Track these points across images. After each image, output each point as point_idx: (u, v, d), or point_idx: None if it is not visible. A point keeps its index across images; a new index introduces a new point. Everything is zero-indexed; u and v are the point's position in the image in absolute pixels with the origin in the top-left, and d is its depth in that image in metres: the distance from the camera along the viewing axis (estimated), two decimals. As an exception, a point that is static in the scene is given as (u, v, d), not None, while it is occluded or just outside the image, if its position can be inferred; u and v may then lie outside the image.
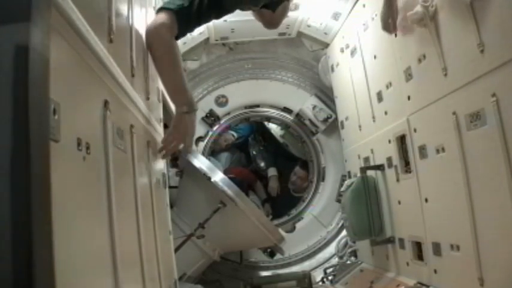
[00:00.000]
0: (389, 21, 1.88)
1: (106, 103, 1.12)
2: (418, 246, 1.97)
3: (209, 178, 2.47)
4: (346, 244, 3.13)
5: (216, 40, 3.21)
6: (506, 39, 1.22)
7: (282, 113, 3.42)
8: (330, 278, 2.96)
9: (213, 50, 3.36)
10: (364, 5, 2.41)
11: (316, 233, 3.33)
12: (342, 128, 3.09)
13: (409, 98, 1.90)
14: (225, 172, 3.54)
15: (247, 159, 4.34)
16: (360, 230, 2.37)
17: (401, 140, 2.05)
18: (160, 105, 2.04)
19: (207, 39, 3.18)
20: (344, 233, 3.08)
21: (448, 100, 1.57)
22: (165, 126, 2.32)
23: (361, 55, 2.49)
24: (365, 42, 2.43)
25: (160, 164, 1.94)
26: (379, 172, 2.36)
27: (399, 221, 2.18)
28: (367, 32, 2.37)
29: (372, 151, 2.47)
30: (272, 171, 4.12)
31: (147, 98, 1.66)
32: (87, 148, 0.91)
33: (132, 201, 1.31)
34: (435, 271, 1.79)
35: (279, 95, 3.38)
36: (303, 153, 3.79)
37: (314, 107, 3.34)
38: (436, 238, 1.76)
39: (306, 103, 3.35)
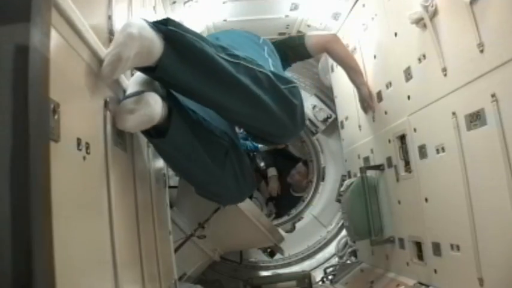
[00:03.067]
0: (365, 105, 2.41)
1: (106, 103, 1.12)
2: (418, 246, 1.97)
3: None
4: (346, 244, 3.13)
5: (216, 40, 3.21)
6: (506, 39, 1.22)
7: (282, 113, 3.42)
8: (330, 278, 2.96)
9: (213, 49, 3.36)
10: (364, 5, 2.41)
11: (316, 233, 3.32)
12: (342, 128, 3.09)
13: (409, 97, 1.90)
14: None
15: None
16: (359, 230, 2.37)
17: (401, 139, 2.05)
18: (160, 105, 2.04)
19: (207, 39, 3.18)
20: (344, 233, 3.08)
21: (448, 100, 1.57)
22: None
23: (361, 55, 2.49)
24: (365, 42, 2.43)
25: (160, 164, 1.94)
26: (378, 172, 2.36)
27: (399, 221, 2.18)
28: (367, 32, 2.36)
29: (371, 151, 2.47)
30: (272, 171, 4.12)
31: (147, 98, 1.65)
32: (87, 148, 0.91)
33: (132, 201, 1.31)
34: (435, 271, 1.79)
35: (279, 95, 3.38)
36: (302, 153, 3.79)
37: (314, 107, 3.33)
38: (436, 238, 1.76)
39: (305, 103, 3.33)
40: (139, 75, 1.42)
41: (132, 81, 1.41)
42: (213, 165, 1.61)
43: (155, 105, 1.34)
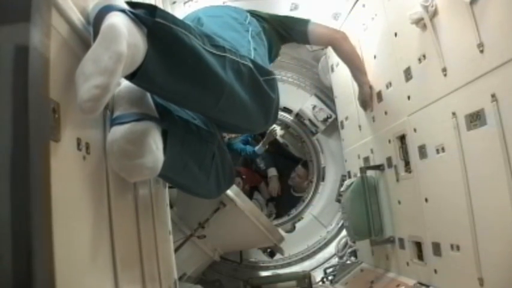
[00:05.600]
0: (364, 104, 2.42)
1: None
2: (418, 246, 1.97)
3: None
4: (346, 244, 3.13)
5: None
6: (506, 39, 1.22)
7: (281, 113, 3.41)
8: (330, 278, 2.96)
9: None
10: (364, 5, 2.41)
11: (316, 233, 3.33)
12: (342, 128, 3.09)
13: (409, 98, 1.90)
14: None
15: (246, 160, 4.35)
16: (360, 230, 2.37)
17: (401, 140, 2.05)
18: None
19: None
20: (344, 233, 3.08)
21: (448, 100, 1.57)
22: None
23: (361, 55, 2.49)
24: (365, 42, 2.43)
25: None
26: (378, 172, 2.36)
27: (399, 221, 2.18)
28: (367, 32, 2.36)
29: (371, 151, 2.47)
30: (272, 172, 4.12)
31: (147, 98, 1.65)
32: (87, 148, 0.91)
33: (132, 201, 1.31)
34: (435, 271, 1.79)
35: (279, 95, 3.38)
36: (302, 153, 3.79)
37: (314, 107, 3.34)
38: (436, 238, 1.76)
39: (305, 103, 3.35)
40: (128, 87, 1.22)
41: (121, 95, 1.21)
42: (200, 174, 1.52)
43: (157, 152, 1.16)
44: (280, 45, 2.27)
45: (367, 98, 2.38)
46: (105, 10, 0.97)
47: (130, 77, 1.10)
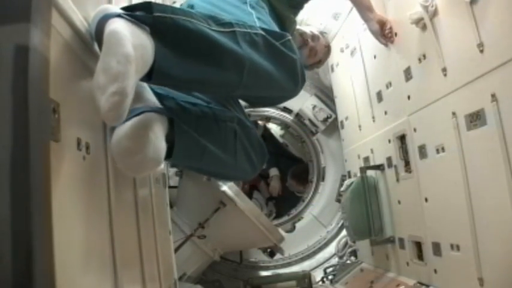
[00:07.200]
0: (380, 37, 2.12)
1: (106, 103, 1.11)
2: (418, 246, 1.97)
3: (209, 178, 2.47)
4: (346, 244, 3.13)
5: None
6: (506, 39, 1.22)
7: (281, 113, 3.42)
8: (330, 278, 2.96)
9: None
10: (364, 5, 2.41)
11: (316, 233, 3.33)
12: (342, 128, 3.10)
13: (409, 97, 1.90)
14: None
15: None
16: (359, 230, 2.37)
17: (401, 139, 2.05)
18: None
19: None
20: (344, 233, 3.08)
21: (447, 100, 1.57)
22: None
23: (361, 55, 2.49)
24: (365, 42, 2.43)
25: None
26: (379, 172, 2.36)
27: (399, 221, 2.18)
28: (367, 32, 2.36)
29: (371, 151, 2.47)
30: (274, 171, 4.12)
31: (147, 98, 1.65)
32: (87, 148, 0.91)
33: (132, 201, 1.31)
34: (435, 271, 1.79)
35: (279, 95, 3.37)
36: (302, 153, 3.79)
37: (314, 107, 3.34)
38: (436, 238, 1.76)
39: (305, 103, 3.35)
40: None
41: None
42: (225, 156, 1.47)
43: (157, 141, 1.11)
44: (298, 10, 2.16)
45: (376, 36, 2.13)
46: (103, 20, 0.98)
47: (148, 79, 1.09)
